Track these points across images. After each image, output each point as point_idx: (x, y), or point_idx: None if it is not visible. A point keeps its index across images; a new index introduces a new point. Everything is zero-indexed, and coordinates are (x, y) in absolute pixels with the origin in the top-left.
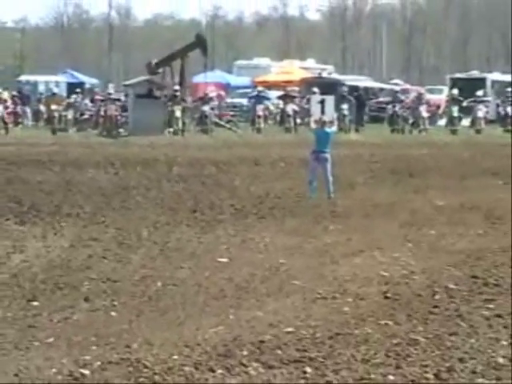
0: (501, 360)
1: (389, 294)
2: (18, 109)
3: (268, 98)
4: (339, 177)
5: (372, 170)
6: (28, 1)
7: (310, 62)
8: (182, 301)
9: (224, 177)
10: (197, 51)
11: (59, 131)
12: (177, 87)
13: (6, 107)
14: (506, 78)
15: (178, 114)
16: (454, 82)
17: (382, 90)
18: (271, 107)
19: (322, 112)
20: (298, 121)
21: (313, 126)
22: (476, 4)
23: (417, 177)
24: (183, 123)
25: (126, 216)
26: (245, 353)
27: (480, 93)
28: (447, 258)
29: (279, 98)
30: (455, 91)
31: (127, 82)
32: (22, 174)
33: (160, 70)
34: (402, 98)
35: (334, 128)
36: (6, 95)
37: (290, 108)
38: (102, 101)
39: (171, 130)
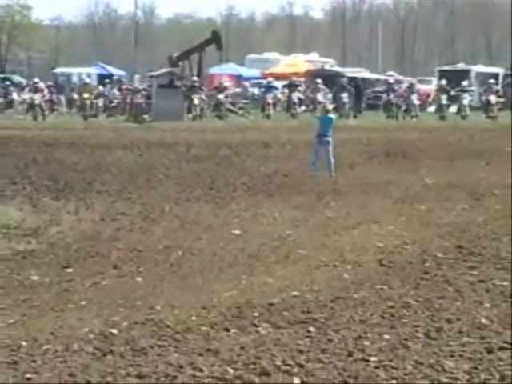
0: (484, 320)
1: (384, 262)
2: (54, 97)
3: (276, 88)
4: (339, 158)
5: (369, 152)
6: (62, 1)
7: (314, 56)
8: (200, 268)
9: (237, 158)
10: (212, 46)
11: (90, 117)
12: (195, 78)
13: (43, 96)
14: (489, 70)
15: (196, 101)
16: (442, 74)
17: (377, 80)
18: (279, 96)
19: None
20: (303, 108)
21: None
22: (462, 5)
23: (409, 158)
24: (201, 110)
25: (149, 193)
26: (256, 314)
27: (465, 83)
28: (436, 230)
29: (284, 86)
30: (443, 82)
31: (151, 74)
32: (58, 156)
33: (180, 63)
34: (396, 87)
35: (334, 115)
36: (42, 85)
37: (296, 96)
38: (129, 90)
39: (190, 115)
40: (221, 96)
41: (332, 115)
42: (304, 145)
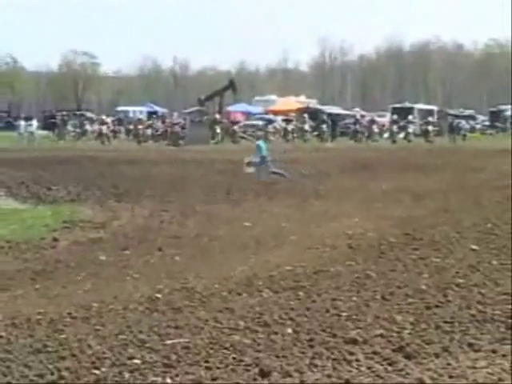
0: (423, 287)
1: (352, 245)
2: (116, 128)
3: (275, 121)
4: (321, 171)
5: (341, 166)
6: (122, 59)
7: (302, 98)
8: (221, 250)
9: None
10: (229, 91)
11: (142, 142)
12: (217, 115)
13: (108, 127)
14: (426, 107)
15: (218, 130)
16: (394, 110)
17: (347, 115)
18: (277, 126)
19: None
20: (295, 135)
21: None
22: (408, 60)
23: (370, 171)
24: (221, 137)
25: (184, 196)
26: (260, 283)
27: (410, 117)
28: (389, 221)
29: (283, 120)
30: (395, 116)
31: (185, 111)
32: (119, 170)
33: (206, 103)
34: (361, 120)
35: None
36: (108, 119)
37: (290, 127)
38: (169, 122)
39: (213, 141)
40: (235, 127)
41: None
42: (296, 161)
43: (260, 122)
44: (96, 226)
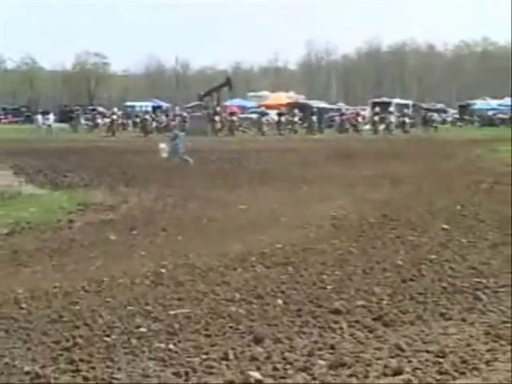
0: (399, 262)
1: (336, 225)
2: (124, 121)
3: (267, 113)
4: (308, 159)
5: (327, 155)
6: (129, 59)
7: (291, 93)
8: (218, 230)
9: (241, 159)
10: (226, 87)
11: (148, 134)
12: (217, 108)
13: (118, 117)
14: (403, 101)
15: (217, 119)
16: (374, 104)
17: (332, 109)
18: (270, 119)
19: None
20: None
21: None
22: (386, 60)
23: (353, 159)
24: (221, 127)
25: (185, 182)
26: (253, 259)
27: (391, 109)
28: (369, 204)
29: (277, 114)
30: (376, 109)
31: (186, 105)
32: (127, 158)
33: (205, 98)
34: (345, 113)
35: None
36: (119, 113)
37: (283, 119)
38: (172, 115)
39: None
40: (234, 118)
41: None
42: (287, 151)
43: (254, 116)
44: (107, 208)
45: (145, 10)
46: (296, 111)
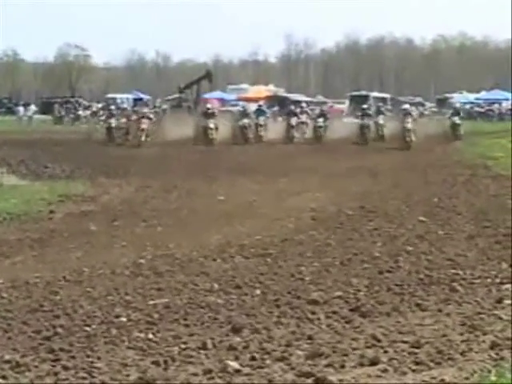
0: (377, 254)
1: (314, 217)
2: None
3: (247, 108)
4: (289, 151)
5: (306, 148)
6: (111, 51)
7: (271, 87)
8: (198, 220)
9: (223, 151)
10: (206, 80)
11: None
12: (198, 100)
13: (99, 112)
14: (381, 95)
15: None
16: (352, 98)
17: (311, 102)
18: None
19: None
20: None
21: None
22: (364, 53)
23: (333, 151)
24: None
25: (166, 174)
26: (232, 250)
27: (367, 104)
28: (347, 196)
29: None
30: (353, 102)
31: (167, 98)
32: (108, 151)
33: (185, 91)
34: (323, 106)
35: None
36: (99, 105)
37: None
38: (154, 107)
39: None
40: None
41: None
42: (265, 144)
43: (235, 109)
44: (87, 199)
45: (126, 2)
46: (275, 104)
